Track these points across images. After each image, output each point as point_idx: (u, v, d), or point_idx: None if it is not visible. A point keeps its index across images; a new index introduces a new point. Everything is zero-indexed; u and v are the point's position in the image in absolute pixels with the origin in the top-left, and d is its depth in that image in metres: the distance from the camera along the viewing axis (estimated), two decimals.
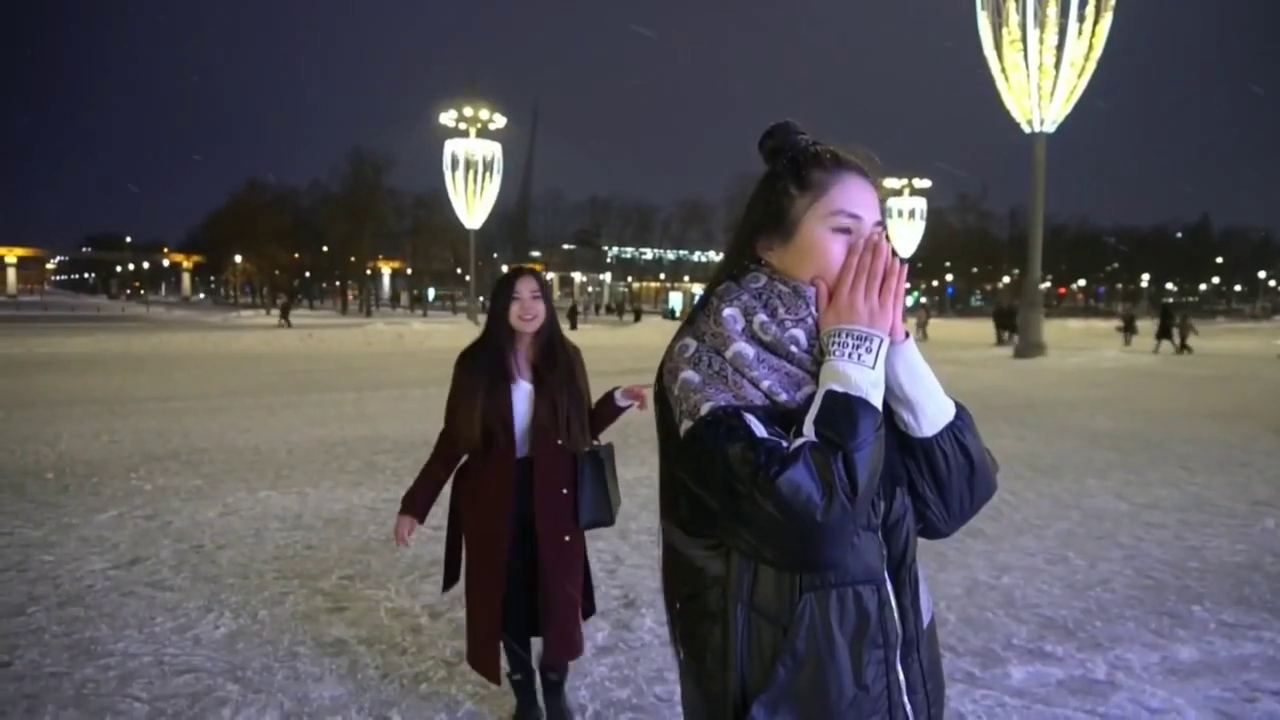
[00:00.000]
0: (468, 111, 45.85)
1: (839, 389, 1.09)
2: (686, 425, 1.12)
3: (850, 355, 1.11)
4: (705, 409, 1.10)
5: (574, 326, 37.91)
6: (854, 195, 1.20)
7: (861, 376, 1.10)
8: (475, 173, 46.62)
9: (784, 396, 1.12)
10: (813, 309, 1.17)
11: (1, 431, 8.92)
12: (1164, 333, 26.62)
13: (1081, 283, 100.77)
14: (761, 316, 1.16)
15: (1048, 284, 79.77)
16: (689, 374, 1.15)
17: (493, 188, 47.29)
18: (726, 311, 1.17)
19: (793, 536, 1.03)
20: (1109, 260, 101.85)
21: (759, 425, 1.08)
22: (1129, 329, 31.87)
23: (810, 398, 1.12)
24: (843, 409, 1.07)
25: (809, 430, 1.08)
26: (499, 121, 46.68)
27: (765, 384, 1.13)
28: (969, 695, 3.18)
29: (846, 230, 1.19)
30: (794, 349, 1.15)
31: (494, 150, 47.01)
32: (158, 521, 5.47)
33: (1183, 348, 25.73)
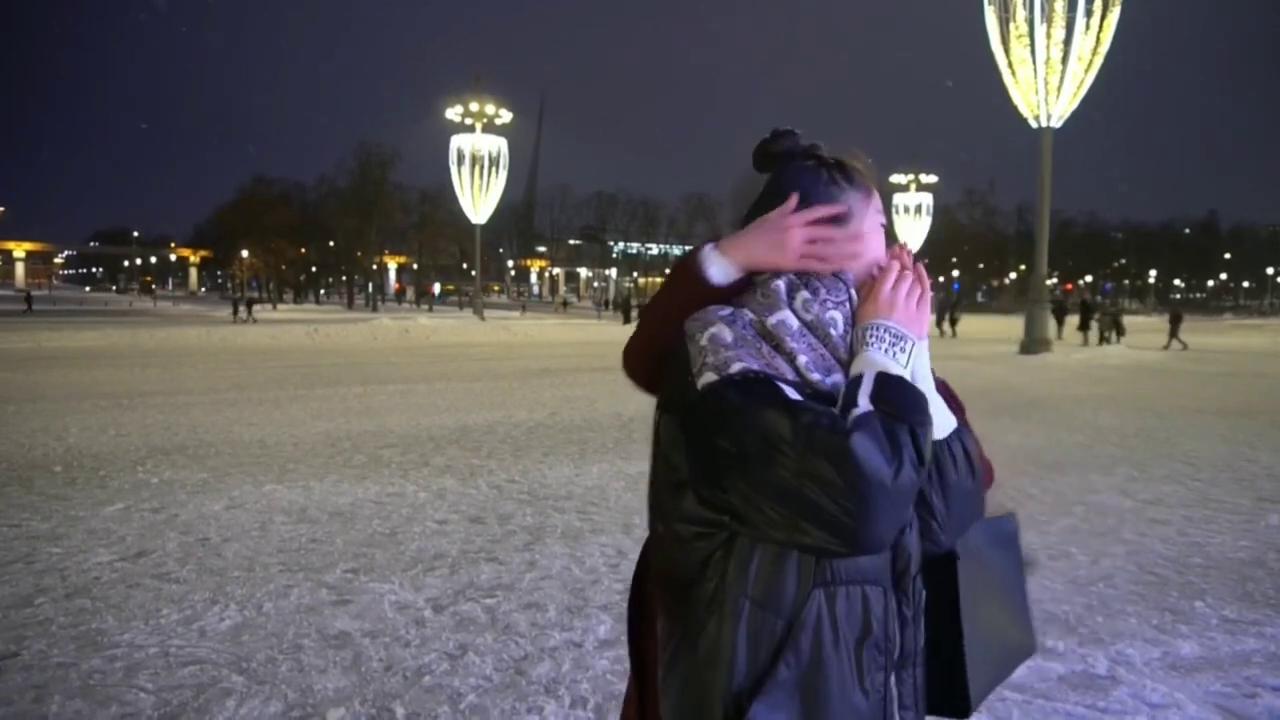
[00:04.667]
0: (474, 107, 45.82)
1: (892, 372, 1.09)
2: (709, 379, 1.07)
3: (887, 350, 1.12)
4: (735, 368, 1.06)
5: (626, 320, 37.72)
6: (881, 202, 1.30)
7: (899, 370, 1.11)
8: (481, 168, 46.62)
9: (816, 376, 1.10)
10: (851, 293, 1.18)
11: (10, 425, 8.98)
12: (1084, 325, 27.87)
13: (1089, 279, 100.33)
14: (805, 294, 1.16)
15: (1054, 280, 79.55)
16: (721, 330, 1.11)
17: (499, 183, 47.30)
18: (775, 283, 1.17)
19: (854, 503, 0.98)
20: (1116, 256, 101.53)
21: (794, 393, 1.05)
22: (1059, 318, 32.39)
23: (837, 385, 1.10)
24: (899, 388, 1.07)
25: (864, 403, 1.05)
26: (505, 117, 46.65)
27: (802, 359, 1.10)
28: None
29: (883, 228, 1.27)
30: (832, 331, 1.14)
31: (500, 145, 47.00)
32: (164, 514, 5.51)
33: (1103, 339, 27.03)
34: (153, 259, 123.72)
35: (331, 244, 75.71)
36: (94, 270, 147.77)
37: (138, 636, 3.57)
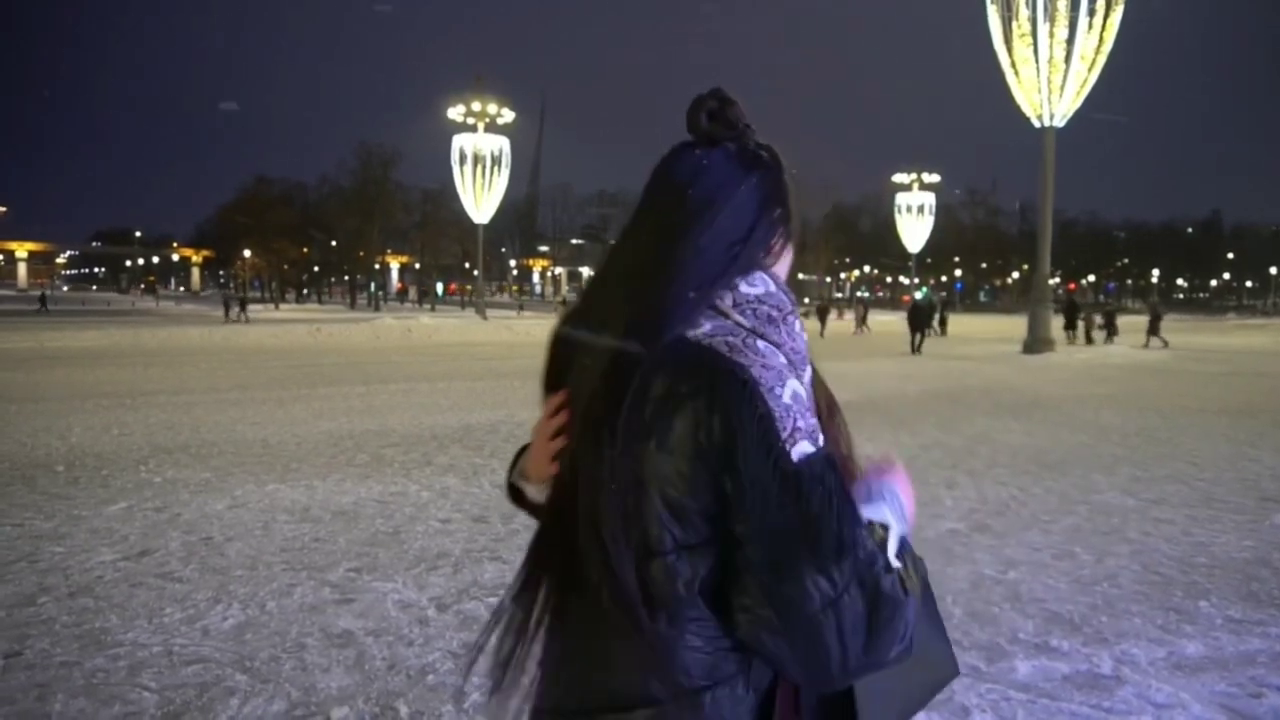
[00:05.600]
0: (475, 106, 45.88)
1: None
2: (807, 450, 0.90)
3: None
4: (824, 443, 0.92)
5: None
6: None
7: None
8: (483, 167, 46.71)
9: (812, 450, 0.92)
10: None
11: (13, 424, 8.99)
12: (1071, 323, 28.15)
13: (1091, 278, 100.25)
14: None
15: (1057, 279, 79.42)
16: (799, 389, 0.93)
17: (501, 182, 47.39)
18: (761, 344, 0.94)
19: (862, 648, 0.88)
20: (1119, 256, 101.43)
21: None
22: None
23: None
24: (915, 562, 0.98)
25: (894, 560, 0.93)
26: (507, 116, 46.71)
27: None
28: (974, 689, 3.18)
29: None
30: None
31: (502, 145, 47.07)
32: (167, 514, 5.51)
33: (1089, 339, 27.47)
34: (155, 259, 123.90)
35: (334, 243, 75.78)
36: (96, 270, 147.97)
37: (141, 635, 3.57)
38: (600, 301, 1.02)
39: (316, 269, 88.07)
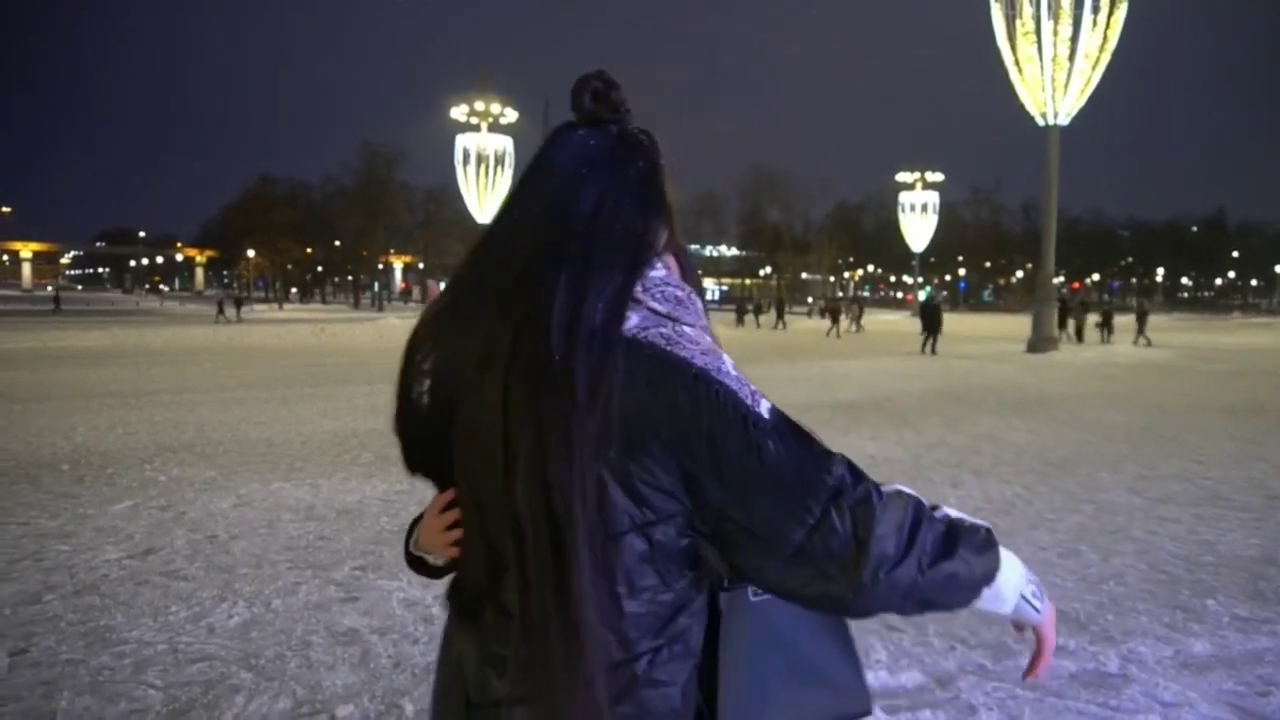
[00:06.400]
0: (479, 106, 45.89)
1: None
2: (768, 404, 0.98)
3: (1032, 593, 1.06)
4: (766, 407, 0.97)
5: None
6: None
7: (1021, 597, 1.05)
8: (487, 167, 46.73)
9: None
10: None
11: (18, 424, 9.00)
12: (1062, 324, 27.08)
13: (1095, 277, 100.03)
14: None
15: (1061, 278, 79.24)
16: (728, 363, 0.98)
17: (504, 181, 47.35)
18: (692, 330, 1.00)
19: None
20: (1123, 254, 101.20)
21: None
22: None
23: None
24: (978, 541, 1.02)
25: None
26: (510, 116, 46.71)
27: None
28: (980, 687, 3.17)
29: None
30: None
31: (505, 144, 47.06)
32: (172, 512, 5.52)
33: (1080, 337, 27.15)
34: (159, 259, 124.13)
35: (337, 243, 75.87)
36: (100, 270, 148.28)
37: (146, 633, 3.57)
38: (490, 302, 0.98)
39: (320, 269, 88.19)
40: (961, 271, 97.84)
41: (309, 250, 79.77)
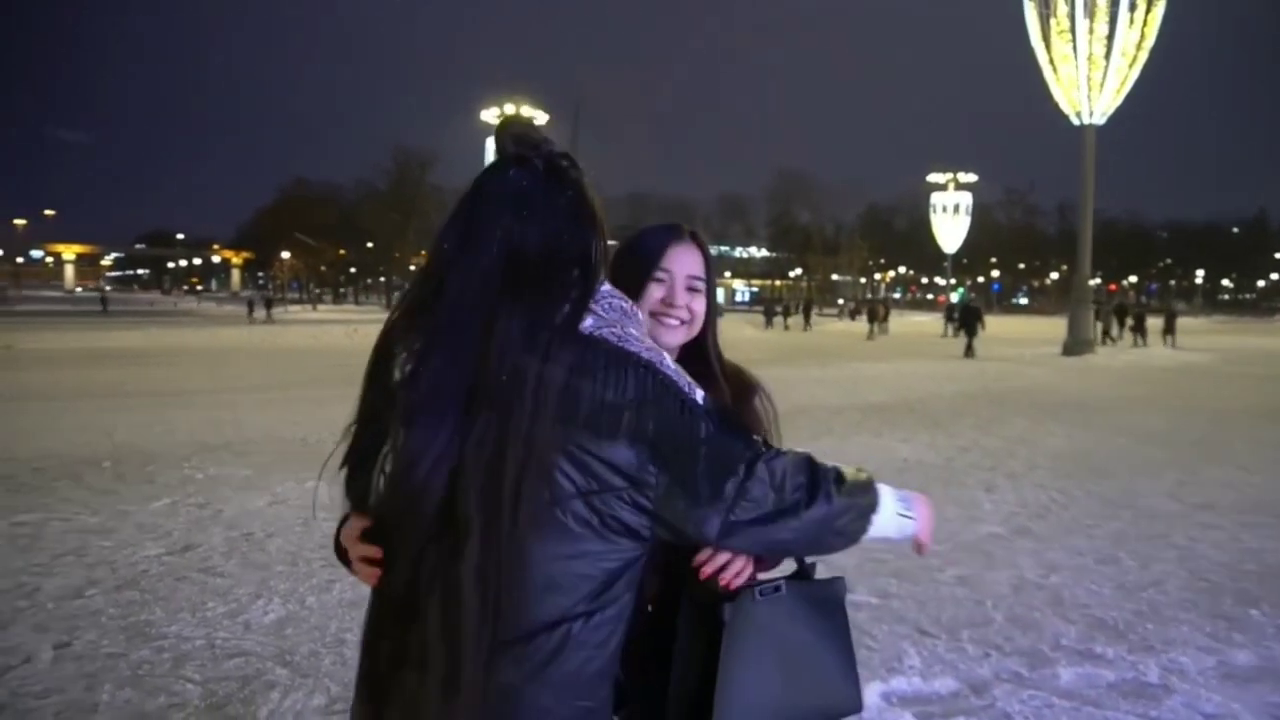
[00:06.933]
0: (509, 109, 46.18)
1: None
2: (700, 393, 1.14)
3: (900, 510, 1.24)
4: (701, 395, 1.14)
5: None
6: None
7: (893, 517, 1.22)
8: None
9: None
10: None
11: (60, 422, 9.20)
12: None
13: (1133, 279, 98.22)
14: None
15: (1097, 280, 77.96)
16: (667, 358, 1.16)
17: None
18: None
19: None
20: (1161, 256, 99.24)
21: None
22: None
23: None
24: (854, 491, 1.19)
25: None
26: (540, 118, 46.95)
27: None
28: (1016, 695, 3.12)
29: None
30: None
31: None
32: (210, 510, 5.61)
33: (1106, 337, 26.16)
34: (196, 260, 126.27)
35: (370, 245, 76.67)
36: (139, 272, 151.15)
37: (185, 628, 3.63)
38: (461, 319, 1.12)
39: (353, 270, 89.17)
40: (995, 273, 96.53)
41: (342, 252, 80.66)
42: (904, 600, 4.08)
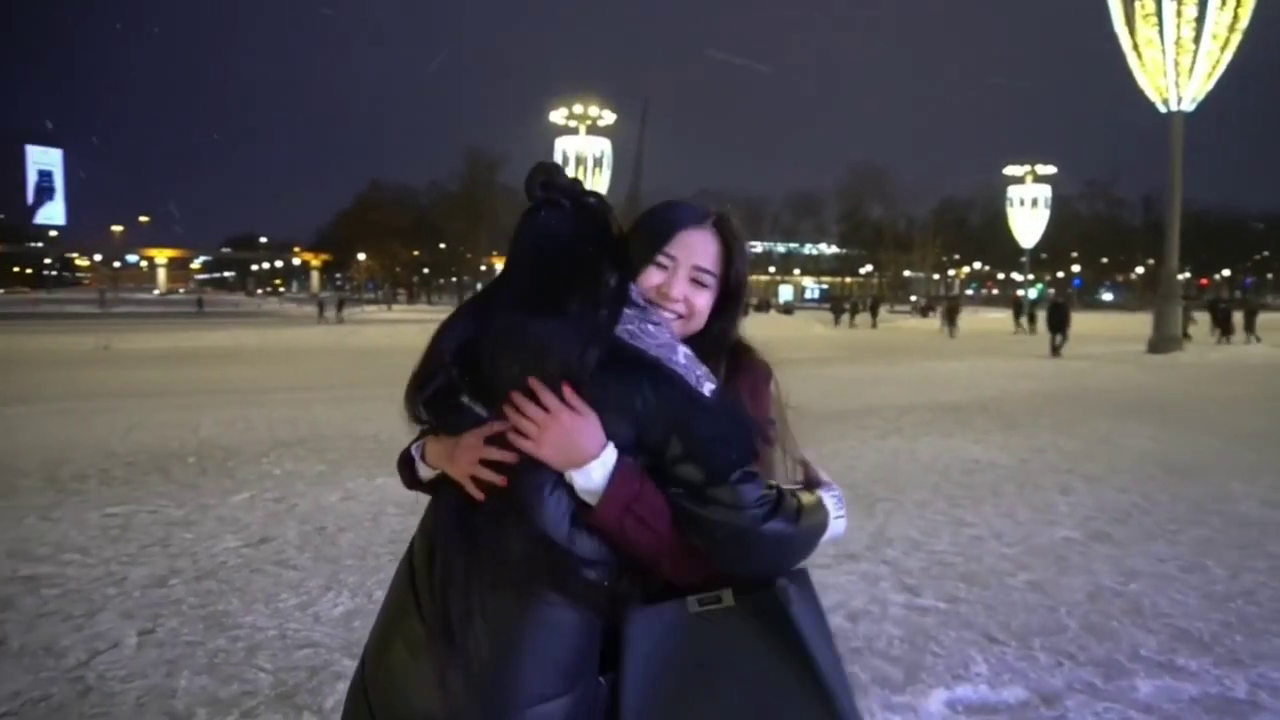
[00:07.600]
0: (577, 109, 46.57)
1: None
2: (712, 386, 1.22)
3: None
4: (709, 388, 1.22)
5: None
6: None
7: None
8: (585, 169, 47.35)
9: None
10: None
11: (150, 418, 9.64)
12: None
13: (1226, 272, 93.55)
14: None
15: (1187, 274, 74.44)
16: (683, 348, 1.24)
17: (602, 183, 47.88)
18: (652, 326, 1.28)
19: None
20: (1257, 248, 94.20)
21: None
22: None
23: None
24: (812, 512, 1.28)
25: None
26: (608, 118, 47.22)
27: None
28: (1090, 707, 3.00)
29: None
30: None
31: (603, 147, 47.63)
32: (285, 504, 5.80)
33: (1185, 334, 24.24)
34: (278, 263, 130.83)
35: (442, 246, 78.27)
36: (225, 274, 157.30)
37: (259, 619, 3.76)
38: (520, 330, 1.23)
39: (426, 270, 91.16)
40: (1075, 268, 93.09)
41: (415, 253, 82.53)
42: (972, 605, 3.97)
